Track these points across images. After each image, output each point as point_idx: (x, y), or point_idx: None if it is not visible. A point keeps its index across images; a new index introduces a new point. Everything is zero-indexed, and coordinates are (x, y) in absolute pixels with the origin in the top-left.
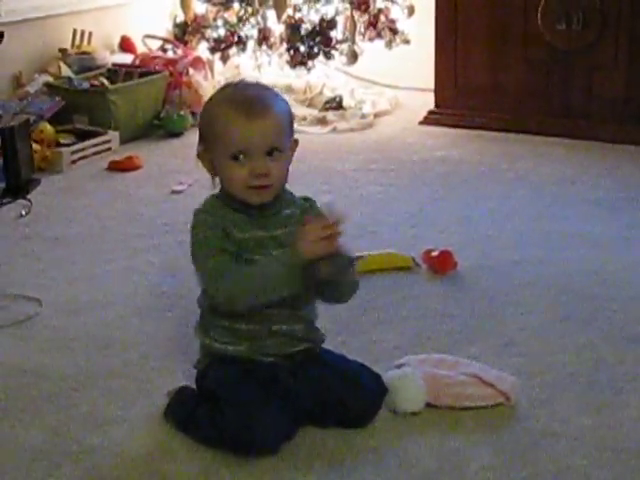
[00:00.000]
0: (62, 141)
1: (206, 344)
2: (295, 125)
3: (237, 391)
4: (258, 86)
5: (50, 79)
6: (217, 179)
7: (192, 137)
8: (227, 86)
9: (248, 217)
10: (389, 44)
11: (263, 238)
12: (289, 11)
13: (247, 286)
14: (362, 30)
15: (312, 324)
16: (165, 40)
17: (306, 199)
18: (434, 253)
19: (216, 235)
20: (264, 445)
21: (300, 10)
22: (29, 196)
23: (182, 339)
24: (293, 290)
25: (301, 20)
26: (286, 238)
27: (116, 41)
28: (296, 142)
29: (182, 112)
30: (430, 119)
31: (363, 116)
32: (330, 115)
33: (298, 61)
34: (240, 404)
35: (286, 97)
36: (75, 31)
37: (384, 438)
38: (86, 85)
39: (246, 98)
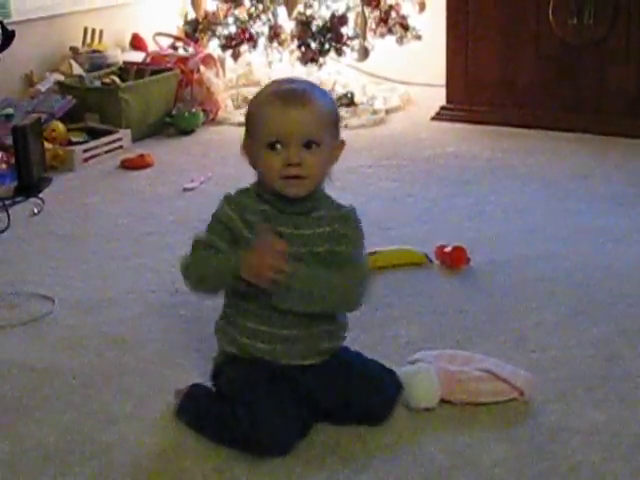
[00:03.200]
0: (74, 139)
1: (226, 344)
2: None
3: (251, 391)
4: (305, 82)
5: (61, 78)
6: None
7: (203, 135)
8: (274, 81)
9: (278, 211)
10: (400, 40)
11: (287, 234)
12: (300, 8)
13: (195, 272)
14: (373, 26)
15: (338, 337)
16: (176, 38)
17: (343, 207)
18: (447, 249)
19: (215, 229)
20: (275, 448)
21: (311, 6)
22: (41, 195)
23: (195, 336)
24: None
25: (312, 17)
26: (313, 239)
27: (127, 39)
28: (342, 143)
29: (193, 110)
30: (442, 115)
31: (375, 112)
32: (342, 111)
33: (309, 58)
34: (253, 406)
35: None
36: (86, 29)
37: (398, 434)
38: (97, 83)
39: (288, 89)
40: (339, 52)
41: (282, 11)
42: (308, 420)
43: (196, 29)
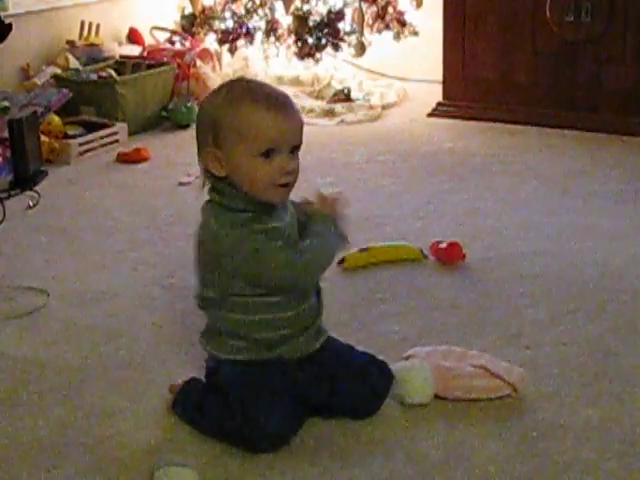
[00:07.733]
0: (70, 133)
1: (220, 354)
2: (303, 117)
3: (247, 389)
4: (267, 84)
5: (58, 71)
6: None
7: None
8: (234, 84)
9: (262, 213)
10: (397, 36)
11: (284, 226)
12: (297, 3)
13: (325, 259)
14: (370, 22)
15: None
16: (173, 32)
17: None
18: (442, 245)
19: (261, 239)
20: (268, 442)
21: (308, 2)
22: (37, 188)
23: (190, 330)
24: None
25: (309, 12)
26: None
27: (124, 33)
28: None
29: (190, 104)
30: (438, 111)
31: (371, 108)
32: (338, 107)
33: (306, 53)
34: (248, 400)
35: (294, 89)
36: (83, 23)
37: (391, 430)
38: (94, 77)
39: (271, 94)
40: (336, 47)
41: (279, 6)
42: (301, 415)
43: (193, 23)
